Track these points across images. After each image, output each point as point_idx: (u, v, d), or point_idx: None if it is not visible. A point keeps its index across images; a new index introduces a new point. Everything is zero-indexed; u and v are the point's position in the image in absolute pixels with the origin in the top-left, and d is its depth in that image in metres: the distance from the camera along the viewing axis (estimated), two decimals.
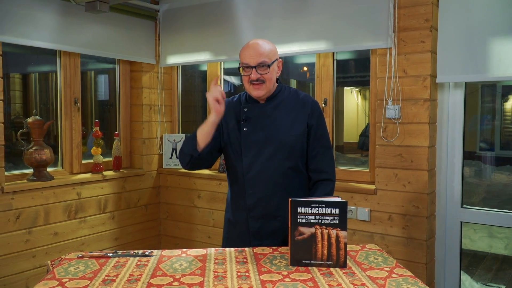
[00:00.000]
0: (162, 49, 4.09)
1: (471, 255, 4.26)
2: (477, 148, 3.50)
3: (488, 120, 3.42)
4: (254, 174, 2.06)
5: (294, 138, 2.05)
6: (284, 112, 2.08)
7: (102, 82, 4.28)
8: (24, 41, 3.14)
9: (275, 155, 2.04)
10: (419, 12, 2.87)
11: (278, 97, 2.11)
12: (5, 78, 3.19)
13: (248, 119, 2.08)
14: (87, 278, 1.61)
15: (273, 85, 2.08)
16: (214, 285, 1.54)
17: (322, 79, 3.42)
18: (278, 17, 3.40)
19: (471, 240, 4.32)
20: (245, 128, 2.07)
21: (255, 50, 2.00)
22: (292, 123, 2.06)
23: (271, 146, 2.04)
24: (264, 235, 2.10)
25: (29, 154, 3.24)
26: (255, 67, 1.99)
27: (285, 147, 2.04)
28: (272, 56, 2.03)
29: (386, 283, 1.56)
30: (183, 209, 4.07)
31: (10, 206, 3.10)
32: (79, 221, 3.55)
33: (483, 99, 3.42)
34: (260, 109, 2.09)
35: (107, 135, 4.08)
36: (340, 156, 3.65)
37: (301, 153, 2.08)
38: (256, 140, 2.05)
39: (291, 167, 2.07)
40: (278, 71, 2.09)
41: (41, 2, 3.21)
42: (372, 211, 3.09)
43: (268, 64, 2.00)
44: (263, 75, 2.00)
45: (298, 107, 2.09)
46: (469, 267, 4.06)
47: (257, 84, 2.01)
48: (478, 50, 2.73)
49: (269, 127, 2.06)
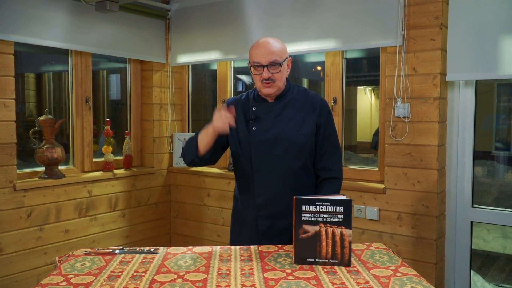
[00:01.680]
0: (173, 48, 4.11)
1: (484, 255, 4.20)
2: (492, 147, 3.45)
3: (504, 120, 3.37)
4: (264, 174, 2.05)
5: (304, 137, 2.04)
6: (293, 111, 2.07)
7: (114, 81, 4.32)
8: (36, 41, 3.18)
9: (285, 155, 2.03)
10: (429, 10, 2.84)
11: (287, 96, 2.10)
12: (20, 77, 3.24)
13: (257, 118, 2.07)
14: (93, 274, 1.63)
15: (283, 84, 2.07)
16: (217, 282, 1.54)
17: (332, 77, 3.41)
18: (287, 16, 3.40)
19: (484, 240, 4.26)
20: (254, 128, 2.07)
21: (266, 49, 1.99)
22: (302, 122, 2.05)
23: (280, 145, 2.03)
24: (273, 234, 2.09)
25: (40, 152, 3.28)
26: (267, 66, 1.98)
27: (295, 146, 2.04)
28: (283, 55, 2.02)
29: (390, 282, 1.55)
30: (193, 207, 4.09)
31: (22, 203, 3.15)
32: (90, 219, 3.58)
33: (499, 98, 3.37)
34: (269, 108, 2.08)
35: (119, 134, 4.12)
36: (353, 156, 3.63)
37: (310, 152, 2.08)
38: (265, 139, 2.04)
39: (300, 166, 2.06)
40: (288, 69, 2.09)
41: (52, 2, 3.25)
42: (381, 210, 3.07)
43: (279, 62, 1.99)
44: (275, 74, 1.99)
45: (307, 106, 2.08)
46: (481, 267, 4.01)
47: (268, 82, 2.00)
48: (489, 48, 2.70)
49: (279, 126, 2.05)
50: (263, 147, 2.04)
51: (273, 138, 2.04)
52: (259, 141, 2.05)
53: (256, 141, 2.05)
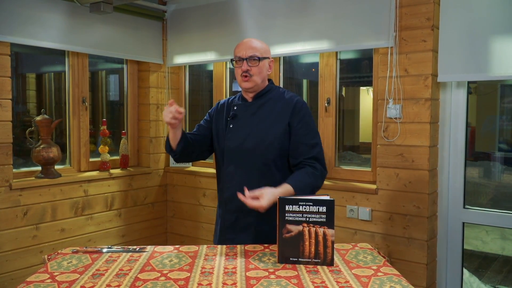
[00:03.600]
0: (169, 49, 4.14)
1: (481, 257, 4.20)
2: (496, 148, 3.45)
3: (506, 120, 3.37)
4: (232, 169, 2.14)
5: (272, 136, 2.09)
6: (268, 110, 2.14)
7: (112, 81, 4.36)
8: (32, 42, 3.22)
9: (253, 152, 2.10)
10: (421, 11, 2.85)
11: (266, 96, 2.18)
12: (21, 78, 3.27)
13: (235, 116, 2.17)
14: (78, 272, 1.65)
15: (262, 81, 2.15)
16: (199, 281, 1.56)
17: (325, 78, 3.43)
18: (282, 17, 3.42)
19: (482, 242, 4.26)
20: (231, 125, 2.16)
21: (247, 45, 2.14)
22: (273, 122, 2.11)
23: (250, 142, 2.11)
24: (238, 229, 2.15)
25: (37, 152, 3.32)
26: (246, 59, 2.10)
27: (263, 144, 2.09)
28: (264, 53, 2.14)
29: (370, 281, 1.57)
30: (189, 207, 4.12)
31: (18, 202, 3.19)
32: (86, 218, 3.62)
33: (503, 99, 3.37)
34: (246, 107, 2.18)
35: (117, 134, 4.15)
36: (355, 157, 3.64)
37: (280, 151, 2.10)
38: (238, 136, 2.13)
39: (267, 164, 2.10)
40: (269, 69, 2.18)
41: (49, 4, 3.29)
42: (373, 211, 3.09)
43: (258, 57, 2.11)
44: (253, 68, 2.10)
45: (281, 106, 2.14)
46: (478, 269, 4.01)
47: (246, 76, 2.11)
48: (480, 49, 2.71)
49: (251, 124, 2.13)
50: (235, 144, 2.13)
51: (245, 135, 2.12)
52: (233, 137, 2.14)
53: (230, 138, 2.15)
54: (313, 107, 3.54)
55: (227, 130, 2.17)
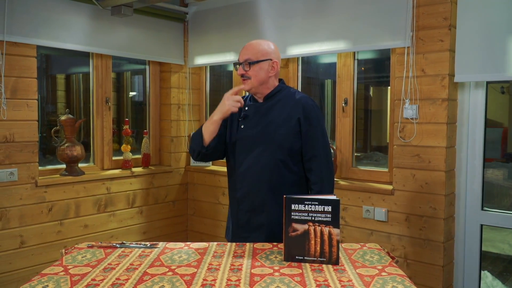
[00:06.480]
0: (190, 50, 4.22)
1: (507, 260, 4.11)
2: None
3: None
4: (244, 169, 2.17)
5: (282, 136, 2.12)
6: (278, 111, 2.16)
7: (136, 82, 4.47)
8: (57, 44, 3.34)
9: (264, 152, 2.14)
10: (438, 11, 2.82)
11: (276, 96, 2.20)
12: (50, 79, 3.40)
13: (246, 117, 2.20)
14: (91, 265, 1.72)
15: (261, 83, 2.16)
16: (205, 276, 1.61)
17: (343, 78, 3.43)
18: (300, 17, 3.44)
19: (510, 245, 4.17)
20: (242, 125, 2.20)
21: (245, 49, 2.18)
22: (283, 122, 2.14)
23: (261, 143, 2.14)
24: (251, 228, 2.20)
25: (61, 150, 3.44)
26: (242, 63, 2.15)
27: (274, 144, 2.12)
28: (261, 56, 2.14)
29: (373, 281, 1.58)
30: (209, 205, 4.18)
31: (43, 198, 3.32)
32: (108, 215, 3.73)
33: None
34: (257, 108, 2.21)
35: (140, 133, 4.26)
36: (382, 157, 3.61)
37: (290, 151, 2.14)
38: (249, 136, 2.17)
39: (278, 164, 2.13)
40: (271, 71, 2.17)
41: (73, 7, 3.40)
42: (390, 212, 3.07)
43: (251, 61, 2.13)
44: (248, 72, 2.14)
45: (291, 107, 2.16)
46: (503, 272, 3.93)
47: (244, 79, 2.17)
48: (498, 49, 2.66)
49: (262, 125, 2.16)
50: (245, 144, 2.17)
51: (256, 136, 2.15)
52: (243, 137, 2.18)
53: (241, 138, 2.18)
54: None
55: (239, 130, 2.20)
